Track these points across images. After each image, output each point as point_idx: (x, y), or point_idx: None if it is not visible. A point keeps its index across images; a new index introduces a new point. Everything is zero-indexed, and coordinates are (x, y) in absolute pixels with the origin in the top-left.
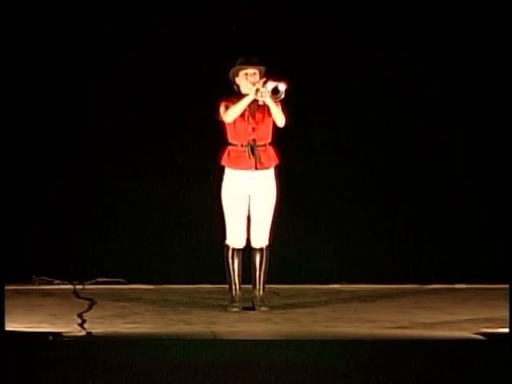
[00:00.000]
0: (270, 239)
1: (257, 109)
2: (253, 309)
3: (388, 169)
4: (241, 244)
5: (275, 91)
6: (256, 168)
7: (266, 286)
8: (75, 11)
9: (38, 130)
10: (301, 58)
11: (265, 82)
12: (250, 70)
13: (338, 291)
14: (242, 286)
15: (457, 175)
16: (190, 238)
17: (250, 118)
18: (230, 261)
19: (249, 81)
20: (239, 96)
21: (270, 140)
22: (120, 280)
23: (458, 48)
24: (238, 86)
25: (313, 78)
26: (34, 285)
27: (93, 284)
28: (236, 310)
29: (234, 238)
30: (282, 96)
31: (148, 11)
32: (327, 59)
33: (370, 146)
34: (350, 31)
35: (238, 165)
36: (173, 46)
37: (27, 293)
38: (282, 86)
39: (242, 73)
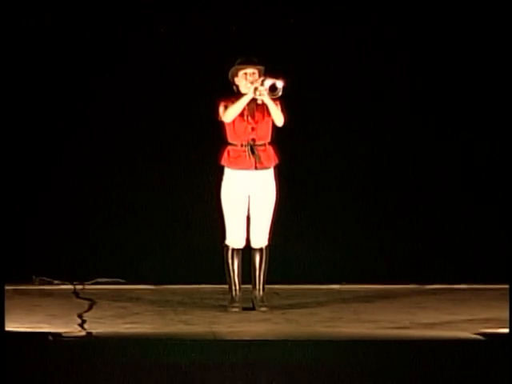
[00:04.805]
0: (269, 239)
1: (256, 108)
2: (253, 309)
3: (388, 169)
4: (240, 244)
5: (273, 88)
6: (256, 168)
7: (266, 286)
8: (74, 10)
9: (38, 130)
10: (300, 58)
11: (263, 81)
12: (249, 70)
13: (338, 291)
14: (242, 286)
15: (457, 175)
16: (189, 238)
17: (250, 118)
18: (230, 261)
19: (248, 80)
20: (238, 96)
21: (269, 139)
22: (120, 280)
23: (459, 49)
24: (237, 86)
25: (312, 76)
26: (34, 285)
27: (93, 284)
28: (236, 310)
29: (234, 238)
30: (280, 93)
31: (148, 11)
32: (327, 58)
33: (370, 145)
34: (350, 30)
35: (238, 164)
36: (173, 45)
37: (27, 293)
38: (280, 83)
39: (241, 72)
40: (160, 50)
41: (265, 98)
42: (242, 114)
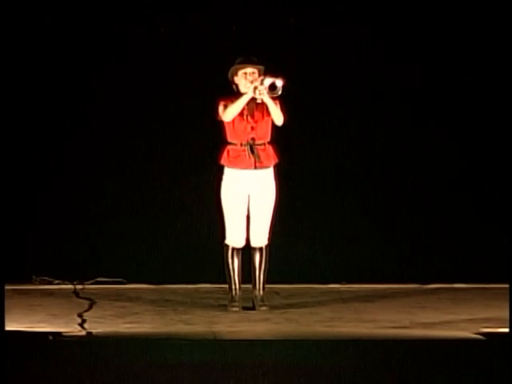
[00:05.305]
0: (269, 239)
1: (256, 108)
2: (253, 309)
3: (388, 168)
4: (240, 243)
5: (272, 87)
6: (255, 167)
7: (266, 285)
8: (74, 10)
9: (38, 130)
10: (300, 57)
11: (262, 80)
12: (249, 69)
13: (338, 291)
14: (242, 285)
15: (457, 175)
16: (189, 238)
17: (249, 117)
18: (230, 260)
19: (247, 80)
20: (238, 95)
21: (269, 139)
22: (120, 280)
23: (459, 49)
24: (236, 86)
25: (312, 76)
26: (34, 285)
27: (93, 284)
28: (236, 309)
29: (234, 238)
30: (279, 92)
31: (148, 11)
32: (327, 58)
33: (370, 145)
34: (351, 30)
35: (238, 164)
36: (173, 45)
37: (27, 293)
38: (279, 82)
39: (240, 72)
40: (160, 49)
41: (264, 97)
42: (241, 114)
